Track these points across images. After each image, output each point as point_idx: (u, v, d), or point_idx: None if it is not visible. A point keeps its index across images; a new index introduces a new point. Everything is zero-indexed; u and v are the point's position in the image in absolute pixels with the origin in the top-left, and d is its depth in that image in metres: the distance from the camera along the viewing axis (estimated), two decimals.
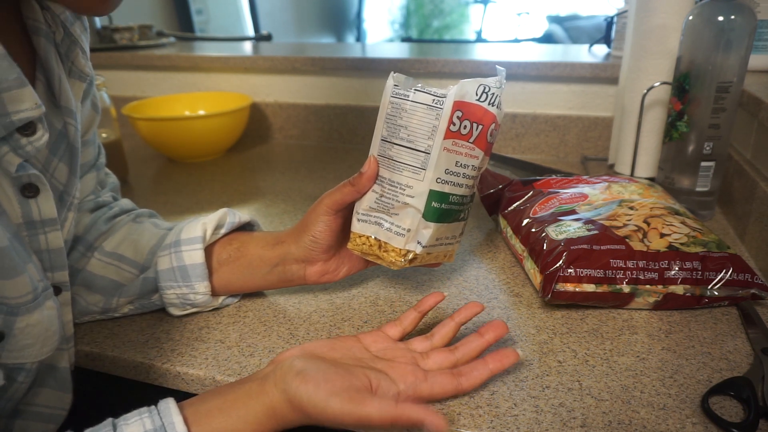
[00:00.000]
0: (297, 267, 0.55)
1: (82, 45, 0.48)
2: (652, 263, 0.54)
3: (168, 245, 0.55)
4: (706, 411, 0.42)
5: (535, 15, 4.89)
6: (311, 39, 4.29)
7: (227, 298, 0.58)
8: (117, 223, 0.59)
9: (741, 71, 0.68)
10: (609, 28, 1.19)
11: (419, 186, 0.47)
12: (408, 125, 0.47)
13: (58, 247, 0.44)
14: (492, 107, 0.48)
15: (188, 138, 1.06)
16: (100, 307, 0.55)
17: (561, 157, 1.10)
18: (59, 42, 0.46)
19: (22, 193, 0.40)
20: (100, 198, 0.60)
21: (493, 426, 0.42)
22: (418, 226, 0.48)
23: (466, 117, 0.47)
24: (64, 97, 0.45)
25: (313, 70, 1.21)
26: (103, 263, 0.56)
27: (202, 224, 0.55)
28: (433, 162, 0.46)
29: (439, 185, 0.48)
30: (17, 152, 0.39)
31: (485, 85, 0.47)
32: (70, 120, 0.46)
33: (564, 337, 0.52)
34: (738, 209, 0.73)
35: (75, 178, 0.47)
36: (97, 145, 0.59)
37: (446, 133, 0.46)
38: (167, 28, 2.37)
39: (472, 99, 0.47)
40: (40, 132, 0.40)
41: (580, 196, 0.66)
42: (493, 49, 1.27)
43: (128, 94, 1.37)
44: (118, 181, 0.65)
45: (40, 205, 0.41)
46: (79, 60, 0.48)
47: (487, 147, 0.49)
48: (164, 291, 0.54)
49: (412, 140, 0.47)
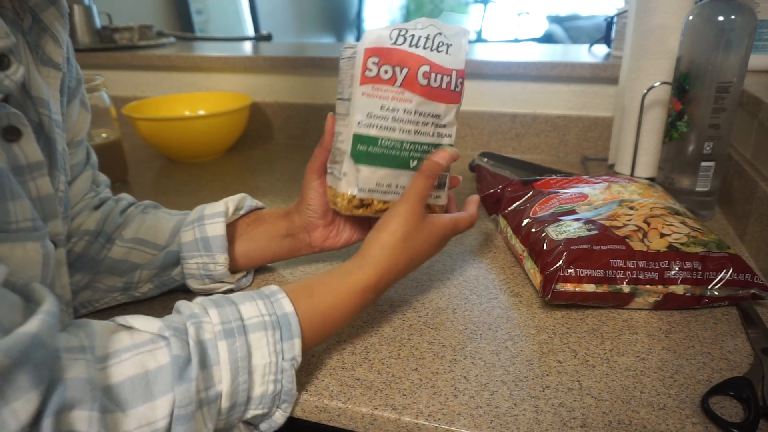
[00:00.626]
0: (303, 235, 0.60)
1: (53, 31, 0.46)
2: (652, 263, 0.54)
3: (191, 221, 0.58)
4: (706, 411, 0.42)
5: (535, 15, 4.89)
6: (311, 39, 4.29)
7: (242, 279, 0.61)
8: (129, 213, 0.60)
9: (741, 71, 0.68)
10: (609, 28, 1.19)
11: (346, 131, 0.51)
12: (342, 80, 0.52)
13: (48, 194, 0.43)
14: (414, 49, 0.49)
15: (188, 138, 1.06)
16: (122, 286, 0.57)
17: (561, 157, 1.10)
18: (27, 30, 0.44)
19: (4, 137, 0.39)
20: (101, 194, 0.61)
21: (493, 426, 0.42)
22: (350, 168, 0.51)
23: (385, 62, 0.48)
24: (35, 87, 0.43)
25: (313, 70, 1.21)
26: (125, 249, 0.58)
27: (224, 202, 0.59)
28: (353, 107, 0.49)
29: (363, 129, 0.50)
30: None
31: (400, 29, 0.48)
32: (43, 110, 0.44)
33: (564, 337, 0.52)
34: (738, 209, 0.73)
35: (56, 171, 0.46)
36: (84, 145, 0.58)
37: (362, 78, 0.48)
38: (167, 28, 2.37)
39: (387, 44, 0.48)
40: (14, 65, 0.39)
41: (580, 196, 0.66)
42: (493, 49, 1.27)
43: (128, 94, 1.37)
44: (108, 179, 0.65)
45: (24, 148, 0.40)
46: (49, 46, 0.46)
47: (423, 90, 0.50)
48: (186, 261, 0.57)
49: (341, 91, 0.52)
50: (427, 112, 0.51)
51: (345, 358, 0.50)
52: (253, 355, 0.39)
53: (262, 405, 0.40)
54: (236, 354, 0.38)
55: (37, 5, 0.44)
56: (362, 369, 0.48)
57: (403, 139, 0.51)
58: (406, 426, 0.43)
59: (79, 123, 0.55)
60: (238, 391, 0.39)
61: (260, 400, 0.40)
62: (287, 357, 0.41)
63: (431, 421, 0.42)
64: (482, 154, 0.96)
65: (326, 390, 0.46)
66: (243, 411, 0.40)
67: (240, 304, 0.41)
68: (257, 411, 0.41)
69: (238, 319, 0.40)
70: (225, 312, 0.40)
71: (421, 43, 0.49)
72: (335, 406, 0.45)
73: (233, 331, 0.39)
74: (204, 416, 0.37)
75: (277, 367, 0.41)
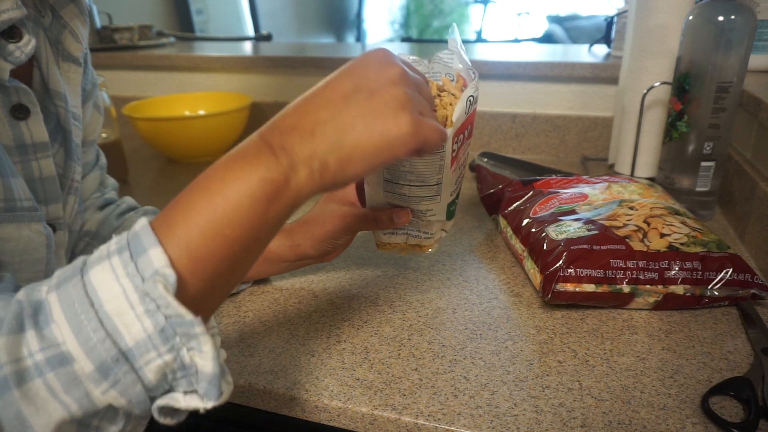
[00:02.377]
0: (310, 261, 0.58)
1: (72, 28, 0.47)
2: (652, 263, 0.54)
3: None
4: (706, 411, 0.42)
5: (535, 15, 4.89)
6: (311, 39, 4.29)
7: (241, 284, 0.61)
8: (128, 219, 0.60)
9: (741, 71, 0.68)
10: (609, 28, 1.19)
11: (438, 207, 0.49)
12: (413, 170, 0.46)
13: (51, 175, 0.44)
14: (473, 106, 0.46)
15: (188, 138, 1.06)
16: None
17: (561, 157, 1.10)
18: (48, 26, 0.45)
19: (12, 114, 0.40)
20: (106, 195, 0.61)
21: (493, 426, 0.42)
22: (443, 226, 0.53)
23: (460, 132, 0.45)
24: (53, 80, 0.45)
25: (313, 70, 1.21)
26: None
27: None
28: (445, 186, 0.47)
29: (452, 195, 0.49)
30: (6, 59, 0.38)
31: (469, 97, 0.44)
32: (60, 102, 0.45)
33: (564, 337, 0.52)
34: (738, 209, 0.73)
35: (71, 162, 0.47)
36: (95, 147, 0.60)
37: (452, 162, 0.45)
38: (167, 28, 2.37)
39: (463, 117, 0.44)
40: (26, 37, 0.39)
41: (580, 196, 0.66)
42: (493, 49, 1.27)
43: (128, 94, 1.37)
44: (116, 182, 0.66)
45: (30, 127, 0.41)
46: (69, 42, 0.47)
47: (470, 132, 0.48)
48: None
49: (422, 180, 0.46)
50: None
51: (345, 358, 0.50)
52: (98, 291, 0.28)
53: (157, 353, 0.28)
54: (71, 298, 0.28)
55: (57, 2, 0.46)
56: (362, 369, 0.48)
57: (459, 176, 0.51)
58: (406, 426, 0.43)
59: (92, 124, 0.56)
60: (93, 344, 0.27)
61: (144, 346, 0.28)
62: (147, 275, 0.28)
63: (431, 421, 0.42)
64: (482, 154, 0.96)
65: (326, 390, 0.46)
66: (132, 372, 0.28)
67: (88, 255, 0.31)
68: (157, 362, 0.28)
69: (77, 267, 0.29)
70: (66, 267, 0.30)
71: (475, 102, 0.45)
72: (335, 406, 0.45)
73: (67, 279, 0.29)
74: (50, 384, 0.27)
75: (138, 293, 0.28)
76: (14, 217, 0.39)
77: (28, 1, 0.43)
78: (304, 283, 0.63)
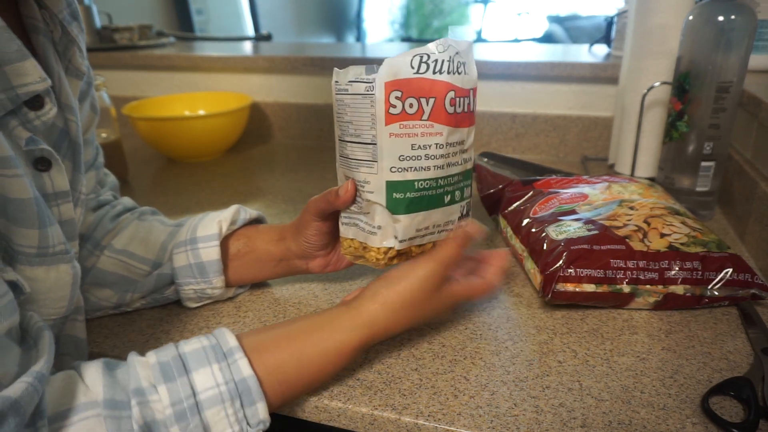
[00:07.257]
0: (299, 261, 0.57)
1: (79, 44, 0.49)
2: (653, 263, 0.54)
3: (183, 242, 0.56)
4: (706, 411, 0.42)
5: (535, 15, 4.89)
6: (311, 39, 4.29)
7: (238, 289, 0.61)
8: (122, 221, 0.60)
9: (741, 71, 0.68)
10: (609, 28, 1.19)
11: (375, 180, 0.45)
12: (352, 120, 0.44)
13: (70, 218, 0.45)
14: (440, 75, 0.43)
15: (188, 138, 1.06)
16: (113, 303, 0.57)
17: (561, 157, 1.10)
18: (57, 40, 0.46)
19: (35, 166, 0.41)
20: (101, 196, 0.61)
21: (493, 426, 0.42)
22: (388, 221, 0.46)
23: (409, 94, 0.42)
24: (64, 94, 0.45)
25: (313, 70, 1.21)
26: (113, 260, 0.57)
27: (217, 222, 0.57)
28: (381, 152, 0.43)
29: (396, 174, 0.44)
30: (26, 126, 0.39)
31: (421, 54, 0.42)
32: (71, 116, 0.46)
33: (564, 337, 0.52)
34: (738, 209, 0.73)
35: (79, 174, 0.48)
36: (95, 146, 0.60)
37: (386, 118, 0.42)
38: (167, 28, 2.36)
39: (409, 74, 0.42)
40: (48, 106, 0.40)
41: (580, 196, 0.66)
42: (493, 49, 1.27)
43: (128, 94, 1.37)
44: (116, 180, 0.65)
45: (53, 178, 0.42)
46: (76, 58, 0.49)
47: (450, 119, 0.45)
48: (182, 287, 0.56)
49: (358, 134, 0.44)
50: (455, 141, 0.46)
51: None
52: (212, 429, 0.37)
53: None
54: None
55: (65, 19, 0.47)
56: (362, 369, 0.48)
57: (437, 176, 0.46)
58: (406, 426, 0.43)
59: (85, 123, 0.56)
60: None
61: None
62: (252, 423, 0.39)
63: (431, 421, 0.42)
64: (482, 154, 0.96)
65: (326, 390, 0.46)
66: None
67: (193, 372, 0.38)
68: None
69: (190, 396, 0.37)
70: (176, 389, 0.37)
71: (445, 68, 0.43)
72: (335, 406, 0.45)
73: (185, 413, 0.36)
74: None
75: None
76: (44, 260, 0.40)
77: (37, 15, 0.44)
78: (304, 283, 0.63)
